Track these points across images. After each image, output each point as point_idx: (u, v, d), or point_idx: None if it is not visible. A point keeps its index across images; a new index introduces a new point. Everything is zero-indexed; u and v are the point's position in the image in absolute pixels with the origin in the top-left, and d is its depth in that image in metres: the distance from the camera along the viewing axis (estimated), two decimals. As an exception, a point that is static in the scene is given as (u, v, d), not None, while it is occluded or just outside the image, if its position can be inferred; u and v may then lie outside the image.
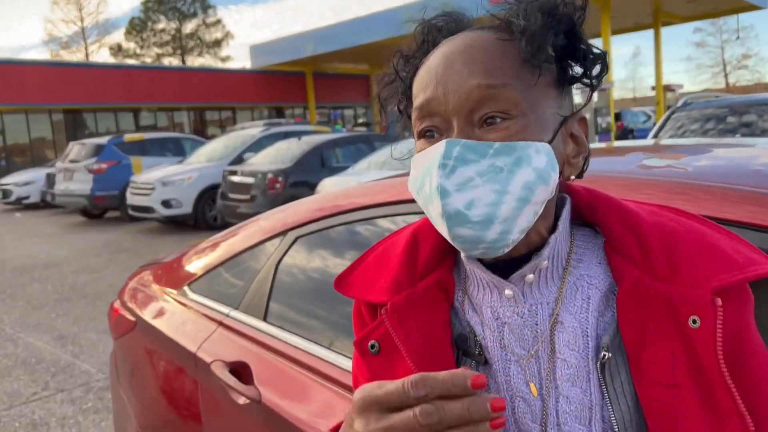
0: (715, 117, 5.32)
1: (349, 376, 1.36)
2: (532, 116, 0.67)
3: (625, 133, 19.73)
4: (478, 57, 0.68)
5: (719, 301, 0.65)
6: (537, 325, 0.72)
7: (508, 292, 0.72)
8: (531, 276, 0.72)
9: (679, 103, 5.98)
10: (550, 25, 0.66)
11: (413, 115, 0.72)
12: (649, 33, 22.04)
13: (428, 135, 0.70)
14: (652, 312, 0.67)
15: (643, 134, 19.89)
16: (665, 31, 22.24)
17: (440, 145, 0.66)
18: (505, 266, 0.73)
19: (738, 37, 37.73)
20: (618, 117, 20.40)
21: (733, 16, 26.54)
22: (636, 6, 18.88)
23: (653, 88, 21.70)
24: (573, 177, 0.74)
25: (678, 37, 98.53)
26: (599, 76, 0.72)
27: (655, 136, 5.68)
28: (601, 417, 0.68)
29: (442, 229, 0.68)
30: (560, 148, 0.70)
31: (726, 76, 49.00)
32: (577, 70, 0.71)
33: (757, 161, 1.26)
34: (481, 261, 0.74)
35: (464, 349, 0.75)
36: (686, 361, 0.66)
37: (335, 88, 30.37)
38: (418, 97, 0.71)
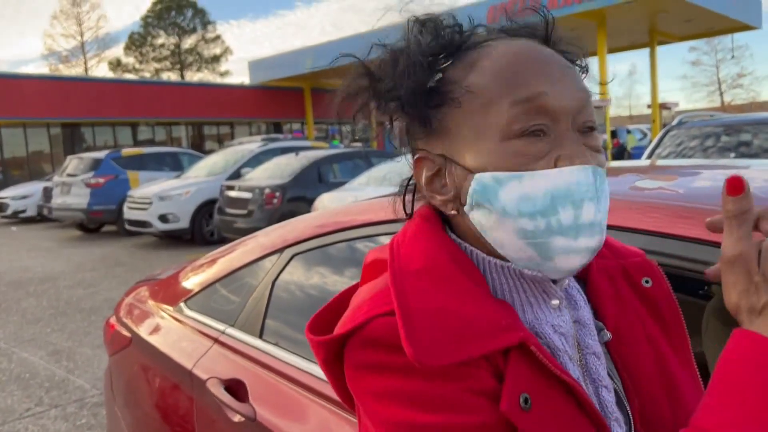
0: (709, 136, 5.36)
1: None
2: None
3: (621, 151, 19.83)
4: (564, 61, 0.68)
5: (656, 263, 0.81)
6: (571, 328, 0.72)
7: (554, 302, 0.70)
8: (566, 281, 0.73)
9: (674, 122, 6.02)
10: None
11: (509, 110, 0.63)
12: (645, 51, 22.21)
13: (535, 135, 0.64)
14: (619, 285, 0.77)
15: (639, 151, 20.00)
16: (661, 50, 22.44)
17: (586, 173, 0.63)
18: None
19: (733, 56, 38.13)
20: (614, 134, 20.53)
21: (728, 36, 26.81)
22: (632, 25, 19.07)
23: (649, 106, 21.84)
24: None
25: (674, 55, 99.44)
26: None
27: (651, 155, 5.71)
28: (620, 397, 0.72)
29: (562, 260, 0.63)
30: None
31: (721, 94, 49.36)
32: None
33: (753, 184, 1.27)
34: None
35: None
36: (651, 318, 0.76)
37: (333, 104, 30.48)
38: (519, 89, 0.64)
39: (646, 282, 0.78)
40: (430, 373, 0.59)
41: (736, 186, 0.59)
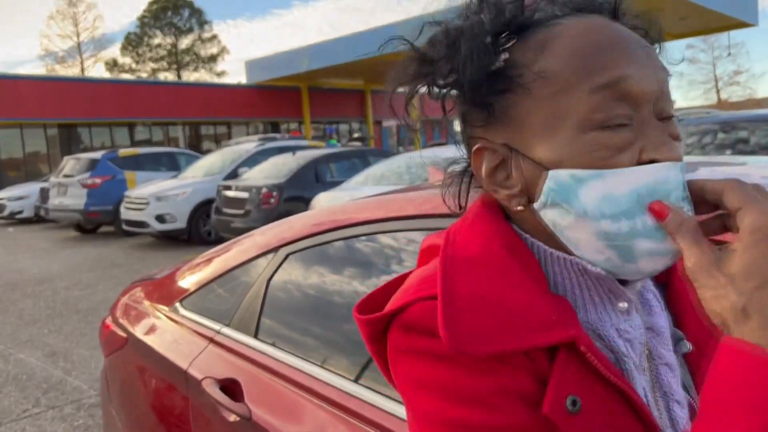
0: (706, 133, 5.37)
1: (341, 395, 1.35)
2: None
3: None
4: (643, 40, 0.61)
5: None
6: (642, 335, 0.66)
7: (622, 304, 0.63)
8: (639, 284, 0.65)
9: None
10: None
11: (588, 98, 0.57)
12: (642, 49, 22.22)
13: (617, 127, 0.57)
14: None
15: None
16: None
17: (675, 170, 0.57)
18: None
19: (729, 54, 38.19)
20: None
21: (724, 33, 26.84)
22: (628, 23, 19.09)
23: (646, 104, 21.85)
24: None
25: (670, 53, 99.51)
26: None
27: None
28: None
29: (646, 263, 0.58)
30: None
31: (718, 92, 49.46)
32: None
33: (749, 181, 1.26)
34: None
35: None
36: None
37: (330, 103, 30.49)
38: (599, 73, 0.57)
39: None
40: (463, 364, 0.56)
41: (658, 212, 0.54)
